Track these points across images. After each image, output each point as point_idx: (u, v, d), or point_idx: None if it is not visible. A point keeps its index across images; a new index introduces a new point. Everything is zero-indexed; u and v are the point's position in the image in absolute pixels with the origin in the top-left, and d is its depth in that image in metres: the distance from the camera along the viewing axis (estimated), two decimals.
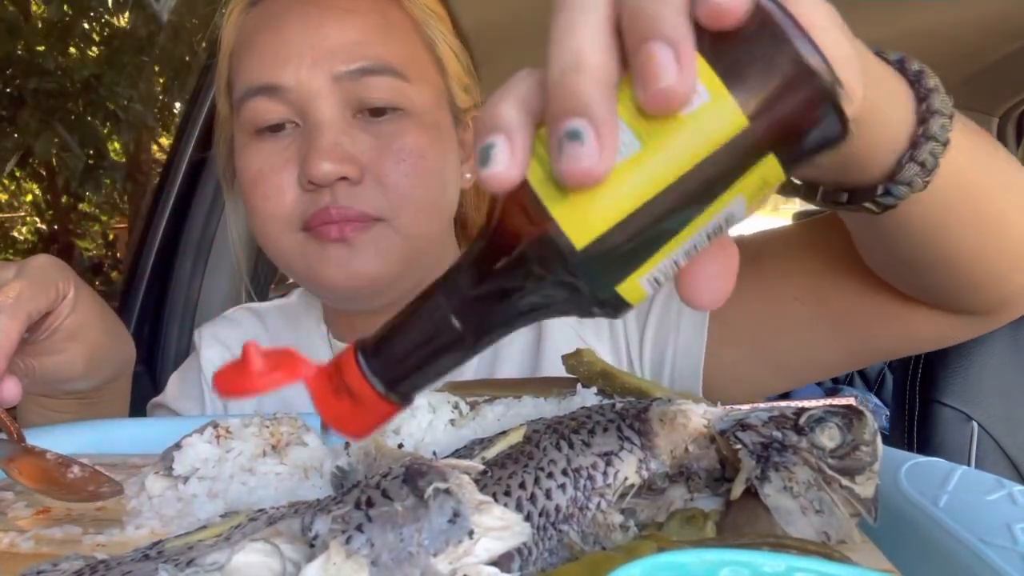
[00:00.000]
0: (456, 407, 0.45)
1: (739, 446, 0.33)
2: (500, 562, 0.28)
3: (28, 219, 5.56)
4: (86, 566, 0.30)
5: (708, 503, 0.35)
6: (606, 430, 0.36)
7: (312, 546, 0.28)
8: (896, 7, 1.24)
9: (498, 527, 0.28)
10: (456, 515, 0.28)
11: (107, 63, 4.57)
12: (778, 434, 0.34)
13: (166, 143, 4.86)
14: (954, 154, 0.39)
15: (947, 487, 0.37)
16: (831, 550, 0.30)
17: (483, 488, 0.32)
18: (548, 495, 0.33)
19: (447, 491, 0.28)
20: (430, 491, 0.28)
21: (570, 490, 0.33)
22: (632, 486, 0.34)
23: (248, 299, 0.87)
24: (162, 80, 4.85)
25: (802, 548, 0.30)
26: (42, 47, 4.36)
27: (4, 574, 0.37)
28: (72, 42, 4.60)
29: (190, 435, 0.44)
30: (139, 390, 0.74)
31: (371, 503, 0.28)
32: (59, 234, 5.28)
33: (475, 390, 0.48)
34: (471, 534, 0.27)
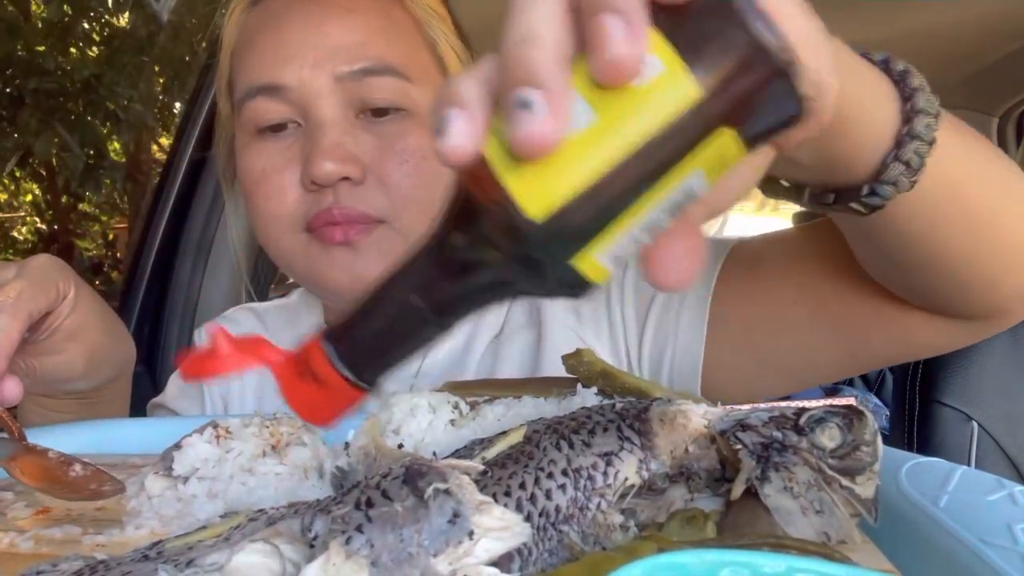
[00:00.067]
0: (456, 407, 0.45)
1: (739, 446, 0.33)
2: (500, 562, 0.28)
3: (28, 219, 5.56)
4: (86, 566, 0.30)
5: (708, 503, 0.34)
6: (606, 430, 0.36)
7: (312, 547, 0.28)
8: (896, 7, 1.25)
9: (498, 527, 0.28)
10: (456, 515, 0.27)
11: (107, 63, 4.57)
12: (778, 434, 0.34)
13: (166, 143, 4.86)
14: (942, 154, 0.39)
15: (947, 487, 0.37)
16: (831, 550, 0.30)
17: (483, 488, 0.32)
18: (548, 495, 0.33)
19: (447, 491, 0.28)
20: (430, 491, 0.28)
21: (570, 490, 0.33)
22: (632, 486, 0.34)
23: (248, 299, 0.87)
24: (162, 80, 4.85)
25: (802, 548, 0.30)
26: (42, 47, 4.35)
27: (4, 574, 0.37)
28: (72, 42, 4.60)
29: (190, 435, 0.44)
30: (139, 390, 0.74)
31: (371, 503, 0.28)
32: (59, 234, 5.27)
33: (475, 390, 0.48)
34: (471, 535, 0.27)
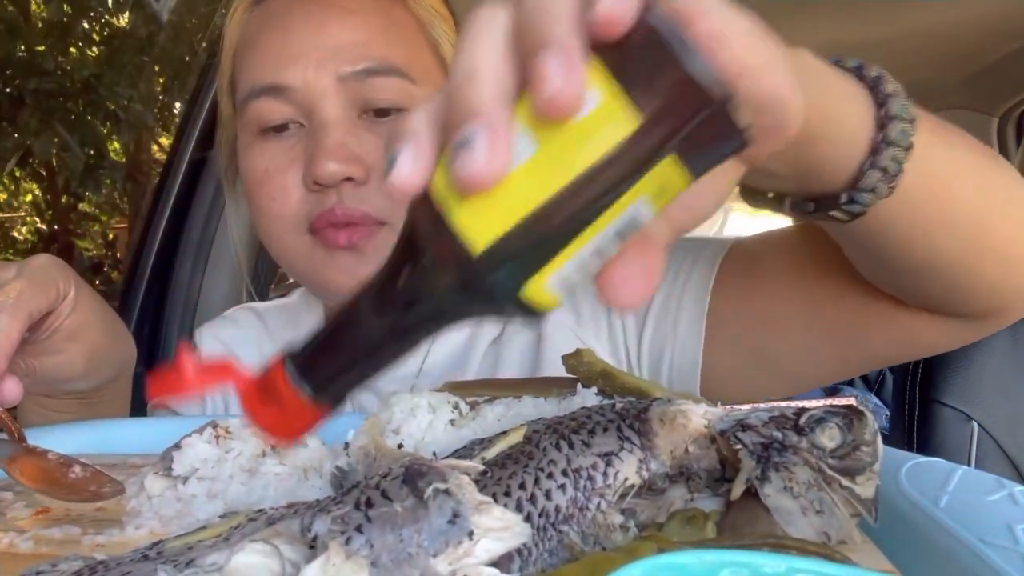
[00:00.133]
0: (456, 407, 0.45)
1: (739, 446, 0.33)
2: (500, 563, 0.28)
3: (28, 219, 5.56)
4: (85, 567, 0.30)
5: (708, 503, 0.34)
6: (606, 430, 0.36)
7: (311, 547, 0.28)
8: (896, 7, 1.24)
9: (498, 528, 0.28)
10: (456, 516, 0.27)
11: (107, 63, 4.57)
12: (778, 434, 0.34)
13: (166, 143, 4.86)
14: (925, 158, 0.39)
15: (947, 487, 0.37)
16: (831, 551, 0.30)
17: (483, 488, 0.32)
18: (548, 495, 0.33)
19: (447, 491, 0.28)
20: (430, 492, 0.28)
21: (570, 490, 0.33)
22: (632, 486, 0.34)
23: (249, 298, 0.87)
24: (162, 80, 4.85)
25: (802, 549, 0.30)
26: (42, 47, 4.36)
27: (4, 574, 0.37)
28: (72, 42, 4.60)
29: (190, 435, 0.44)
30: (139, 390, 0.74)
31: (371, 504, 0.28)
32: (59, 234, 5.27)
33: (475, 390, 0.48)
34: (471, 535, 0.27)
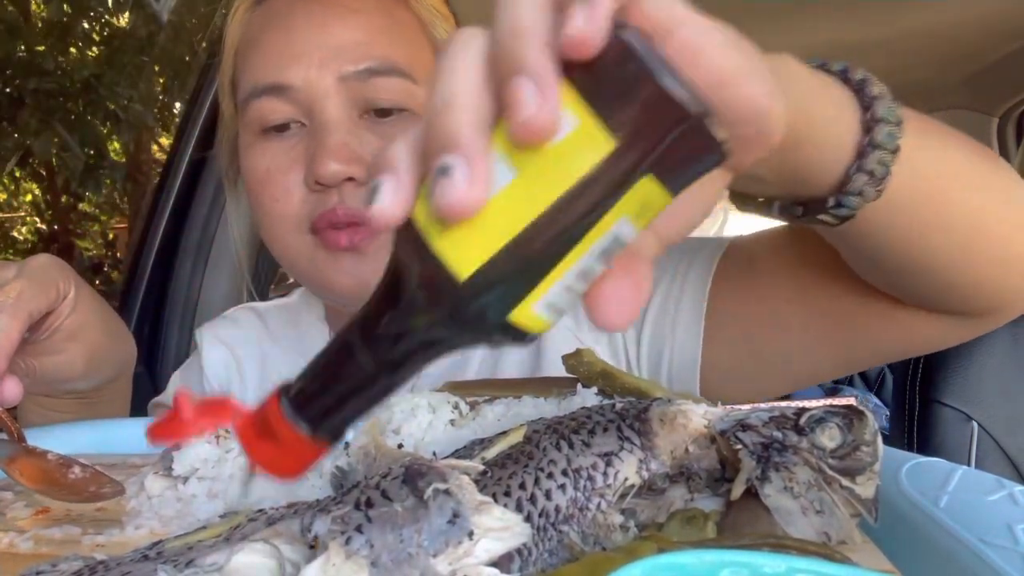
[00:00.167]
0: (456, 407, 0.45)
1: (739, 446, 0.33)
2: (500, 563, 0.28)
3: (28, 219, 5.56)
4: (85, 567, 0.30)
5: (708, 503, 0.34)
6: (606, 430, 0.36)
7: (311, 547, 0.28)
8: (896, 7, 1.24)
9: (498, 528, 0.28)
10: (456, 516, 0.27)
11: (107, 63, 4.57)
12: (778, 434, 0.34)
13: (166, 143, 4.86)
14: (914, 160, 0.39)
15: (947, 487, 0.37)
16: (831, 551, 0.30)
17: (483, 488, 0.32)
18: (548, 495, 0.33)
19: (447, 491, 0.28)
20: (430, 492, 0.28)
21: (570, 490, 0.33)
22: (632, 486, 0.34)
23: (250, 298, 0.87)
24: (162, 80, 4.85)
25: (802, 549, 0.30)
26: (42, 47, 4.36)
27: (4, 574, 0.37)
28: (72, 42, 4.60)
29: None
30: (139, 390, 0.74)
31: (371, 504, 0.28)
32: (59, 234, 5.27)
33: (475, 390, 0.48)
34: (471, 535, 0.27)
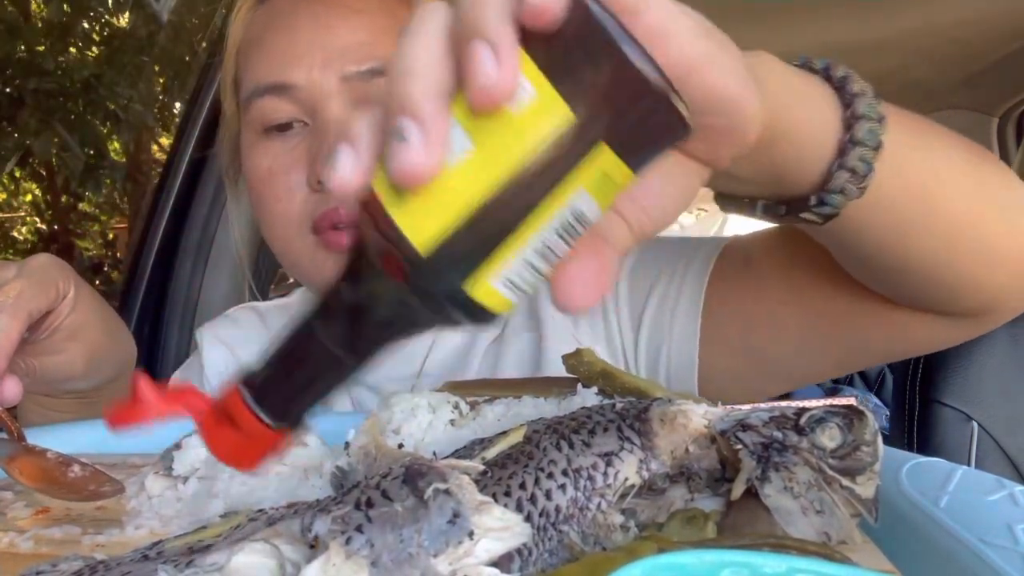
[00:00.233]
0: (456, 407, 0.45)
1: (739, 446, 0.33)
2: (500, 562, 0.28)
3: (28, 219, 5.56)
4: (85, 566, 0.30)
5: (708, 503, 0.34)
6: (606, 430, 0.36)
7: (312, 547, 0.28)
8: (897, 7, 1.24)
9: (498, 528, 0.28)
10: (456, 516, 0.27)
11: (107, 63, 4.58)
12: (779, 434, 0.34)
13: (166, 143, 4.86)
14: (898, 158, 0.39)
15: (948, 487, 0.37)
16: (832, 551, 0.30)
17: (483, 488, 0.32)
18: (548, 495, 0.33)
19: (447, 491, 0.28)
20: (430, 491, 0.28)
21: (570, 490, 0.33)
22: (632, 486, 0.34)
23: (251, 297, 0.87)
24: (162, 80, 4.85)
25: (802, 549, 0.29)
26: (42, 47, 4.36)
27: (4, 574, 0.37)
28: (72, 42, 4.60)
29: (190, 435, 0.44)
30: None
31: (371, 504, 0.28)
32: (59, 234, 5.27)
33: (475, 390, 0.48)
34: (471, 535, 0.27)
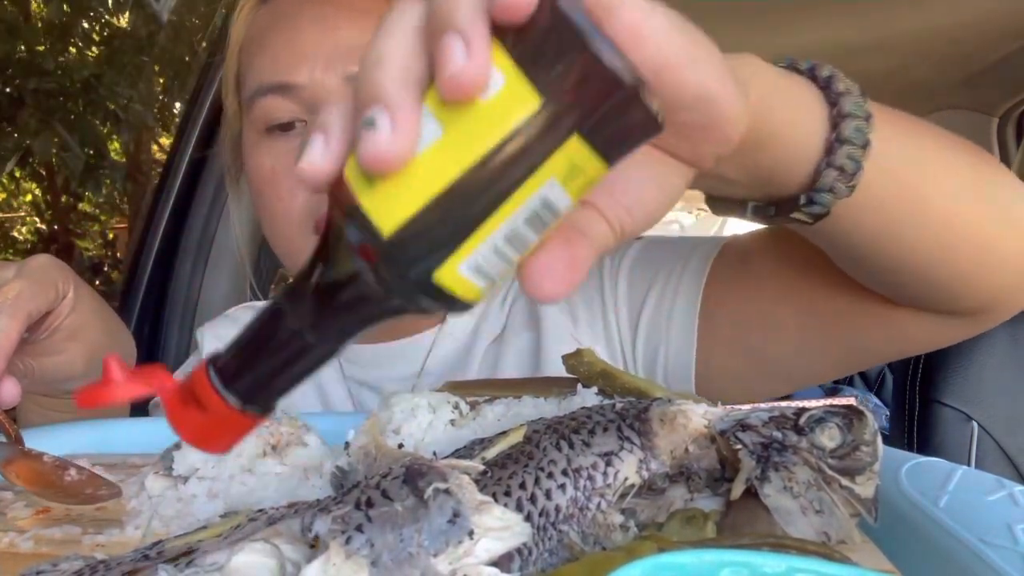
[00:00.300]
0: (456, 407, 0.45)
1: (739, 446, 0.33)
2: (500, 562, 0.28)
3: (28, 219, 5.56)
4: (86, 566, 0.30)
5: (708, 503, 0.34)
6: (606, 430, 0.36)
7: (312, 546, 0.28)
8: (897, 7, 1.24)
9: (498, 527, 0.28)
10: (456, 515, 0.27)
11: (107, 63, 4.58)
12: (778, 434, 0.34)
13: (166, 143, 4.86)
14: (887, 155, 0.39)
15: (947, 487, 0.37)
16: (831, 550, 0.30)
17: (483, 488, 0.32)
18: (548, 495, 0.33)
19: (447, 491, 0.28)
20: (430, 491, 0.28)
21: (570, 490, 0.33)
22: (632, 486, 0.34)
23: (253, 295, 0.87)
24: (162, 80, 4.85)
25: (802, 548, 0.30)
26: (42, 47, 4.36)
27: (4, 574, 0.37)
28: (72, 42, 4.60)
29: None
30: None
31: (371, 503, 0.28)
32: (59, 234, 5.27)
33: (475, 390, 0.48)
34: (471, 534, 0.27)
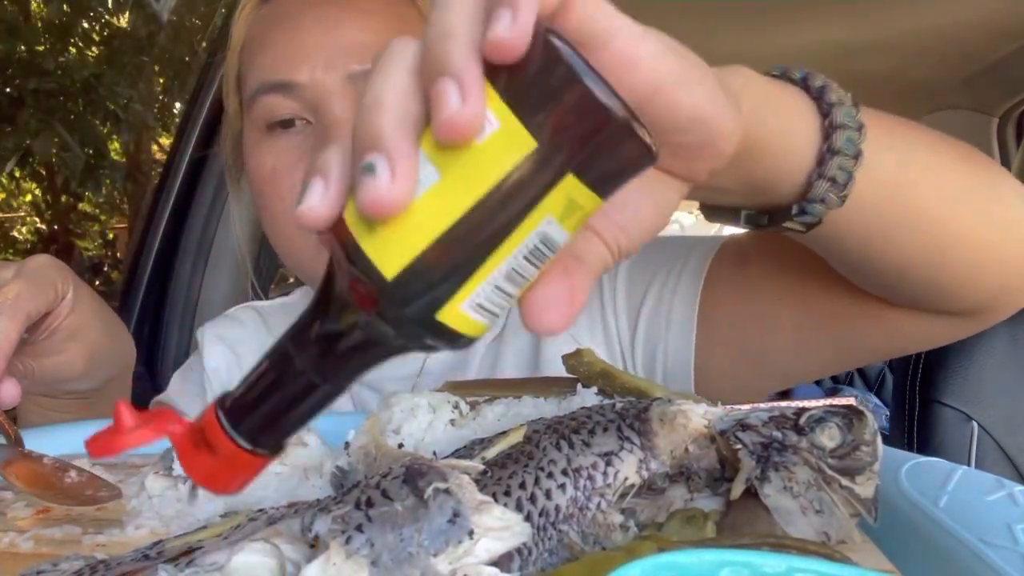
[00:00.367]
0: (456, 407, 0.45)
1: (739, 446, 0.33)
2: (500, 562, 0.28)
3: (28, 219, 5.56)
4: (86, 566, 0.30)
5: (708, 503, 0.34)
6: (606, 430, 0.36)
7: (312, 546, 0.28)
8: (897, 7, 1.25)
9: (498, 527, 0.28)
10: (456, 515, 0.27)
11: (107, 63, 4.58)
12: (778, 434, 0.34)
13: (166, 143, 4.86)
14: (879, 164, 0.39)
15: (947, 487, 0.37)
16: (831, 550, 0.30)
17: (483, 488, 0.32)
18: (548, 495, 0.33)
19: (447, 491, 0.28)
20: (430, 491, 0.28)
21: (570, 490, 0.33)
22: (632, 486, 0.34)
23: (254, 295, 0.86)
24: (162, 80, 4.86)
25: (802, 548, 0.30)
26: (42, 47, 4.36)
27: (4, 574, 0.37)
28: (72, 42, 4.61)
29: None
30: (139, 390, 0.74)
31: (371, 503, 0.28)
32: (59, 234, 5.28)
33: (475, 390, 0.48)
34: (471, 534, 0.27)
